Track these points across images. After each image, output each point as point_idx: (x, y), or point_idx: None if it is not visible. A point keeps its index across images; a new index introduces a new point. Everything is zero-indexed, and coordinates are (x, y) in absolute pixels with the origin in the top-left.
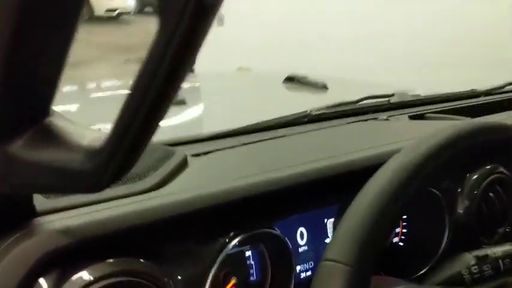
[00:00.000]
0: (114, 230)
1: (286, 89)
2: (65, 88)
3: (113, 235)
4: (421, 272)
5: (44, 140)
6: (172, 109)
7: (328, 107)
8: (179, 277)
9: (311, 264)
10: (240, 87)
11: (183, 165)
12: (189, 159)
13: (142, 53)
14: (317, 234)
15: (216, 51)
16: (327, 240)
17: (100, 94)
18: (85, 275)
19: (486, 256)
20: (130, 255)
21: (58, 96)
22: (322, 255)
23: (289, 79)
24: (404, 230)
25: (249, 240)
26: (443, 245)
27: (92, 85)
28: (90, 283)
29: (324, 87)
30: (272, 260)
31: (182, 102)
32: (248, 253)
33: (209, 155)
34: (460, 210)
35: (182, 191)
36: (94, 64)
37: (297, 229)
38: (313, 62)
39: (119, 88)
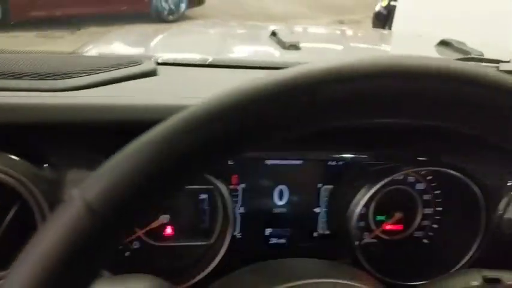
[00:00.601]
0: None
1: (436, 52)
2: None
3: None
4: (424, 282)
5: None
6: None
7: None
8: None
9: None
10: (381, 43)
11: (141, 75)
12: (159, 71)
13: (356, 15)
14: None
15: None
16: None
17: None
18: None
19: (497, 280)
20: (7, 151)
21: None
22: None
23: (443, 43)
24: (434, 225)
25: None
26: (469, 255)
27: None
28: None
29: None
30: None
31: (295, 47)
32: None
33: (177, 73)
34: (504, 215)
35: (103, 96)
36: (299, 21)
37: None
38: None
39: None
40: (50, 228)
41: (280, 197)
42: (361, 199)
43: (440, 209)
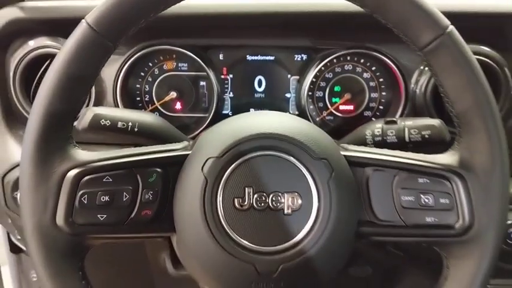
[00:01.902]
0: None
1: None
2: None
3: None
4: None
5: None
6: None
7: None
8: None
9: None
10: None
11: None
12: None
13: None
14: None
15: None
16: None
17: None
18: (32, 43)
19: (393, 122)
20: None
21: None
22: None
23: None
24: (380, 107)
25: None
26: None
27: None
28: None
29: None
30: None
31: None
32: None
33: None
34: (416, 90)
35: None
36: None
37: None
38: None
39: None
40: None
41: (260, 85)
42: (308, 80)
43: (384, 93)
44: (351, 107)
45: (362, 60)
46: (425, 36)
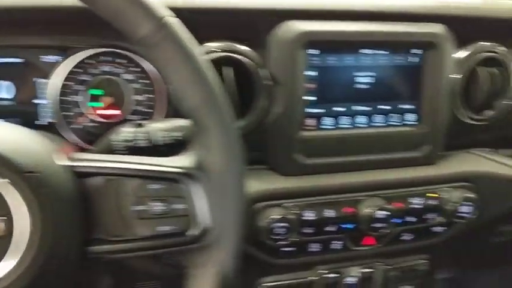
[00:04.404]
0: None
1: None
2: None
3: None
4: None
5: None
6: None
7: None
8: None
9: None
10: None
11: None
12: None
13: None
14: None
15: None
16: None
17: None
18: None
19: (141, 125)
20: None
21: None
22: None
23: None
24: (147, 110)
25: None
26: None
27: None
28: None
29: None
30: None
31: None
32: None
33: None
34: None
35: None
36: None
37: None
38: None
39: None
40: None
41: (8, 92)
42: (59, 84)
43: (151, 96)
44: (115, 112)
45: (119, 61)
46: (141, 29)
